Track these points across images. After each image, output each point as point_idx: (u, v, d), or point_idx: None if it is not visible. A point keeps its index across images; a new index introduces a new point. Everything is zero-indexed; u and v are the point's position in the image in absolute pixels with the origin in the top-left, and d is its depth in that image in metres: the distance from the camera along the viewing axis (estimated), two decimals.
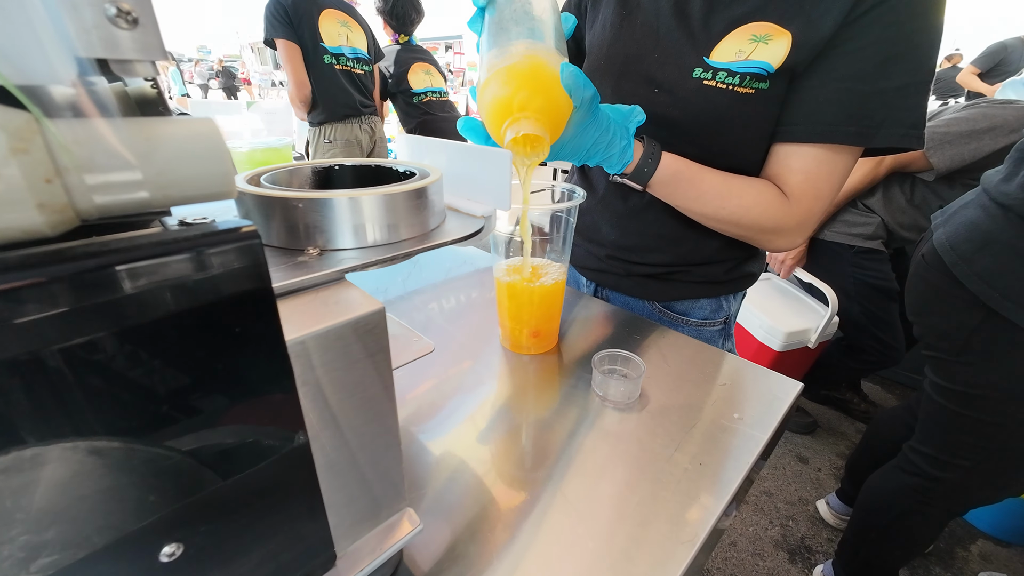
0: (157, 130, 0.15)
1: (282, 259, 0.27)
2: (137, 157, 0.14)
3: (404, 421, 0.45)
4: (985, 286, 0.71)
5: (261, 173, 0.34)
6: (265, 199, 0.28)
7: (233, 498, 0.21)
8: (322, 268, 0.26)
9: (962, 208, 0.81)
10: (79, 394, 0.15)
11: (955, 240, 0.76)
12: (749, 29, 0.49)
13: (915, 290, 0.87)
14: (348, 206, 0.28)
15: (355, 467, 0.26)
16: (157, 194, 0.15)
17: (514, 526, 0.34)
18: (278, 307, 0.24)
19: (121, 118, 0.14)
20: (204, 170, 0.16)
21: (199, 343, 0.18)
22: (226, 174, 0.16)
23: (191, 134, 0.15)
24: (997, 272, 0.70)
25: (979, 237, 0.74)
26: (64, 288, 0.13)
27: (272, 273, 0.26)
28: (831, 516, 1.35)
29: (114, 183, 0.14)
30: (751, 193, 0.54)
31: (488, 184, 0.38)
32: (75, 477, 0.15)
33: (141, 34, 0.15)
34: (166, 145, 0.15)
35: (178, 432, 0.18)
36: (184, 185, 0.16)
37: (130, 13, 0.14)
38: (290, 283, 0.24)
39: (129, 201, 0.15)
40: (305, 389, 0.22)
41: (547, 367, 0.53)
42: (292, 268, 0.26)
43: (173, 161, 0.15)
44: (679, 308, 0.69)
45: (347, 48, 1.82)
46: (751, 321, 1.55)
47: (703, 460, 0.39)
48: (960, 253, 0.75)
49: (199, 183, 0.16)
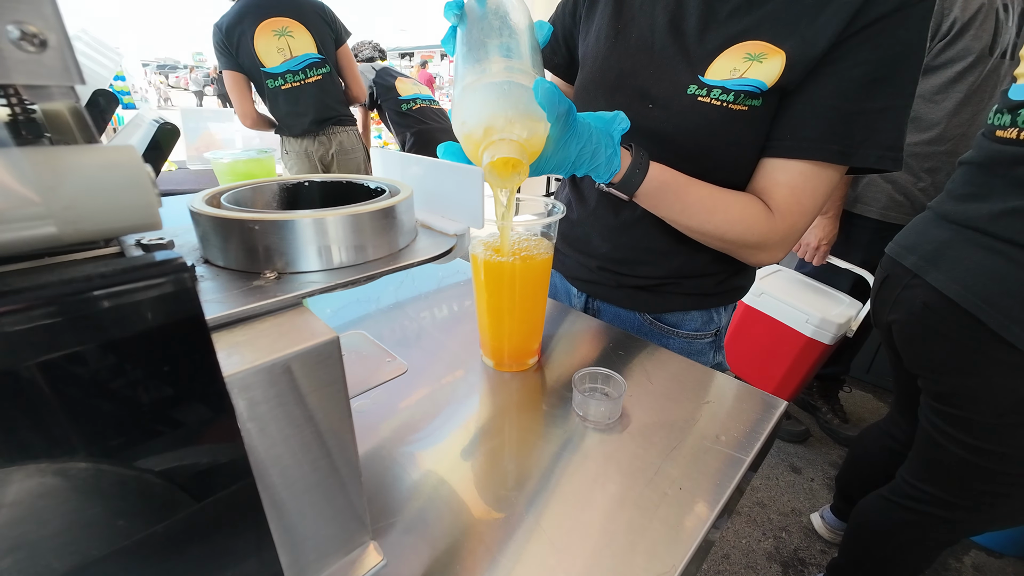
0: (65, 160, 0.14)
1: (238, 283, 0.26)
2: (39, 190, 0.13)
3: (380, 442, 0.43)
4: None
5: (224, 191, 0.33)
6: (221, 220, 0.27)
7: (169, 541, 0.20)
8: (278, 293, 0.25)
9: (951, 249, 0.70)
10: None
11: (976, 290, 0.64)
12: (744, 47, 0.49)
13: (929, 344, 0.74)
14: (307, 227, 0.27)
15: (309, 504, 0.24)
16: (67, 229, 0.14)
17: (488, 558, 0.33)
18: (226, 335, 0.23)
19: (18, 148, 0.13)
20: (121, 202, 0.15)
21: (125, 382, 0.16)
22: (147, 205, 0.15)
23: (106, 163, 0.14)
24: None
25: (1015, 287, 0.62)
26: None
27: (224, 299, 0.25)
28: (826, 531, 1.33)
29: (10, 218, 0.13)
30: (737, 207, 0.53)
31: (462, 201, 0.37)
32: None
33: (51, 58, 0.14)
34: (75, 176, 0.14)
35: (107, 474, 0.17)
36: (98, 219, 0.15)
37: (36, 35, 0.13)
38: (239, 311, 0.23)
39: (32, 237, 0.14)
40: (250, 425, 0.21)
41: (528, 385, 0.52)
42: (246, 294, 0.25)
43: (84, 193, 0.14)
44: (670, 320, 0.69)
45: (291, 62, 1.69)
46: (794, 317, 1.45)
47: (683, 484, 0.38)
48: (1000, 309, 0.62)
49: (116, 216, 0.15)
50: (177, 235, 0.33)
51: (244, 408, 0.20)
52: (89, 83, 0.73)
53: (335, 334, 0.23)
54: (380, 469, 0.40)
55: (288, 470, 0.23)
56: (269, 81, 1.70)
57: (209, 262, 0.29)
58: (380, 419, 0.46)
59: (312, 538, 0.26)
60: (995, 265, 0.64)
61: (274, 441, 0.22)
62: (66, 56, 0.14)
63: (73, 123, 0.18)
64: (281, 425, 0.22)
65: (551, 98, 0.39)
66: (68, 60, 0.14)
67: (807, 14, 0.46)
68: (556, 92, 0.39)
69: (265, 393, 0.21)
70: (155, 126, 1.02)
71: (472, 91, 0.39)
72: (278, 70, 1.69)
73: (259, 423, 0.21)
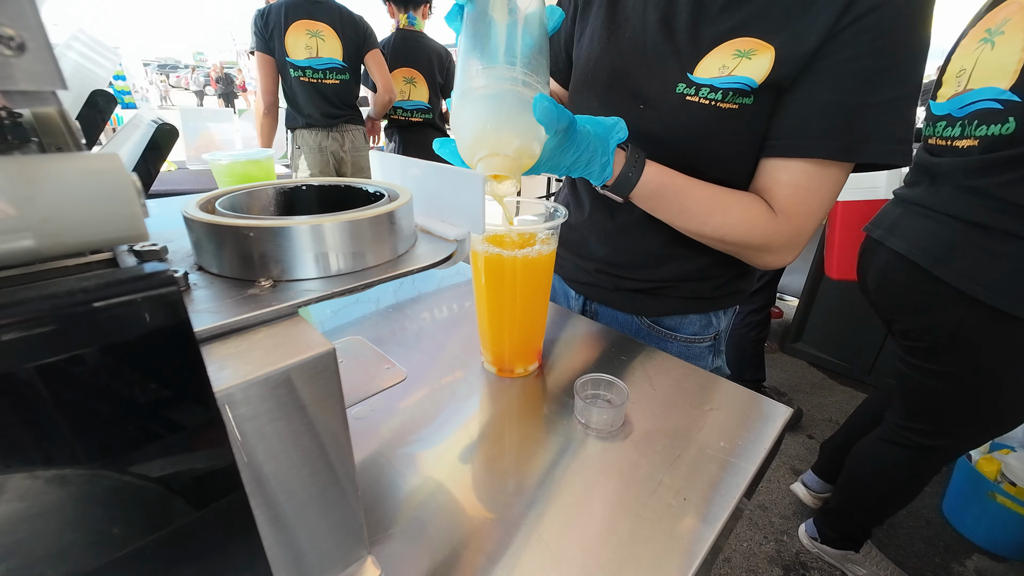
0: (42, 170, 0.13)
1: (232, 292, 0.25)
2: (14, 201, 0.12)
3: (379, 448, 0.42)
4: (970, 282, 0.81)
5: (219, 196, 0.32)
6: (214, 227, 0.26)
7: (158, 557, 0.19)
8: (273, 302, 0.24)
9: (903, 218, 0.94)
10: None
11: (922, 246, 0.88)
12: (733, 44, 0.48)
13: (889, 294, 0.98)
14: (304, 234, 0.27)
15: (305, 519, 0.24)
16: (46, 242, 0.13)
17: (488, 569, 0.32)
18: (219, 347, 0.22)
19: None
20: (104, 213, 0.14)
21: (110, 399, 0.16)
22: (132, 216, 0.14)
23: (87, 172, 0.14)
24: (977, 270, 0.81)
25: (944, 242, 0.85)
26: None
27: (217, 308, 0.24)
28: (810, 498, 1.43)
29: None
30: (737, 209, 0.52)
31: (462, 206, 0.37)
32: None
33: (30, 62, 0.13)
34: (54, 186, 0.13)
35: (94, 488, 0.16)
36: (79, 231, 0.14)
37: (13, 39, 0.13)
38: (232, 321, 0.22)
39: (8, 251, 0.13)
40: (242, 441, 0.20)
41: (529, 391, 0.51)
42: (240, 303, 0.24)
43: (64, 204, 0.13)
44: (668, 323, 0.68)
45: (315, 60, 1.81)
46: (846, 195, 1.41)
47: (687, 495, 0.38)
48: (935, 256, 0.86)
49: (99, 228, 0.14)
50: (172, 240, 0.33)
51: (236, 423, 0.20)
52: (87, 83, 0.73)
53: (331, 345, 0.22)
54: (379, 476, 0.40)
55: (283, 485, 0.22)
56: (291, 70, 1.81)
57: (203, 269, 0.28)
58: (379, 425, 0.45)
59: (308, 554, 0.25)
60: (929, 226, 0.88)
61: (267, 456, 0.21)
62: (46, 60, 0.13)
63: (55, 130, 0.18)
64: (275, 440, 0.21)
65: (549, 116, 0.38)
66: (49, 64, 0.13)
67: (797, 7, 0.45)
68: (554, 109, 0.39)
69: (258, 408, 0.20)
70: (154, 126, 1.01)
71: (471, 101, 0.39)
72: (301, 63, 1.80)
73: (251, 438, 0.20)
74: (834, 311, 2.03)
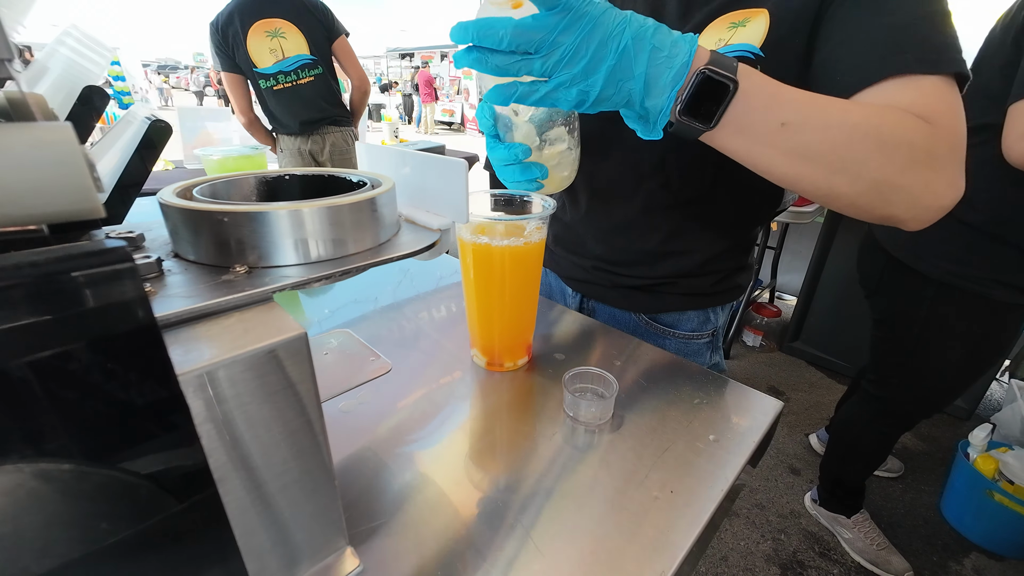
0: None
1: (206, 278, 0.25)
2: None
3: (367, 442, 0.42)
4: (886, 237, 1.06)
5: (197, 184, 0.32)
6: (189, 212, 0.26)
7: (125, 549, 0.18)
8: (246, 288, 0.24)
9: None
10: None
11: (884, 234, 1.08)
12: (726, 19, 0.48)
13: (864, 269, 1.18)
14: (280, 219, 0.26)
15: (278, 509, 0.23)
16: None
17: (475, 563, 0.32)
18: (187, 331, 0.22)
19: None
20: (52, 184, 0.14)
21: (64, 381, 0.15)
22: (82, 188, 0.14)
23: (35, 142, 0.13)
24: (890, 229, 0.97)
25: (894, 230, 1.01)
26: None
27: (188, 293, 0.24)
28: (820, 447, 1.63)
29: None
30: (873, 106, 0.39)
31: (446, 195, 0.36)
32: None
33: None
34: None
35: (53, 478, 0.16)
36: (25, 202, 0.13)
37: None
38: (202, 306, 0.22)
39: None
40: (210, 427, 0.20)
41: (519, 386, 0.51)
42: (212, 288, 0.24)
43: (7, 174, 0.13)
44: (666, 320, 0.68)
45: (283, 63, 1.69)
46: None
47: (674, 487, 0.37)
48: (896, 245, 1.04)
49: (46, 200, 0.14)
50: (151, 229, 0.32)
51: (202, 408, 0.19)
52: (79, 79, 0.72)
53: (303, 329, 0.22)
54: (365, 470, 0.39)
55: (254, 473, 0.22)
56: (261, 81, 1.71)
57: (180, 256, 0.28)
58: (367, 419, 0.45)
59: (282, 544, 0.24)
60: None
61: (238, 443, 0.21)
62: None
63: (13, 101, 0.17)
64: (245, 426, 0.21)
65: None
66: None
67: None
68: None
69: (227, 391, 0.20)
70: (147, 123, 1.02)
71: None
72: (270, 71, 1.70)
73: (220, 424, 0.20)
74: (832, 310, 2.02)
